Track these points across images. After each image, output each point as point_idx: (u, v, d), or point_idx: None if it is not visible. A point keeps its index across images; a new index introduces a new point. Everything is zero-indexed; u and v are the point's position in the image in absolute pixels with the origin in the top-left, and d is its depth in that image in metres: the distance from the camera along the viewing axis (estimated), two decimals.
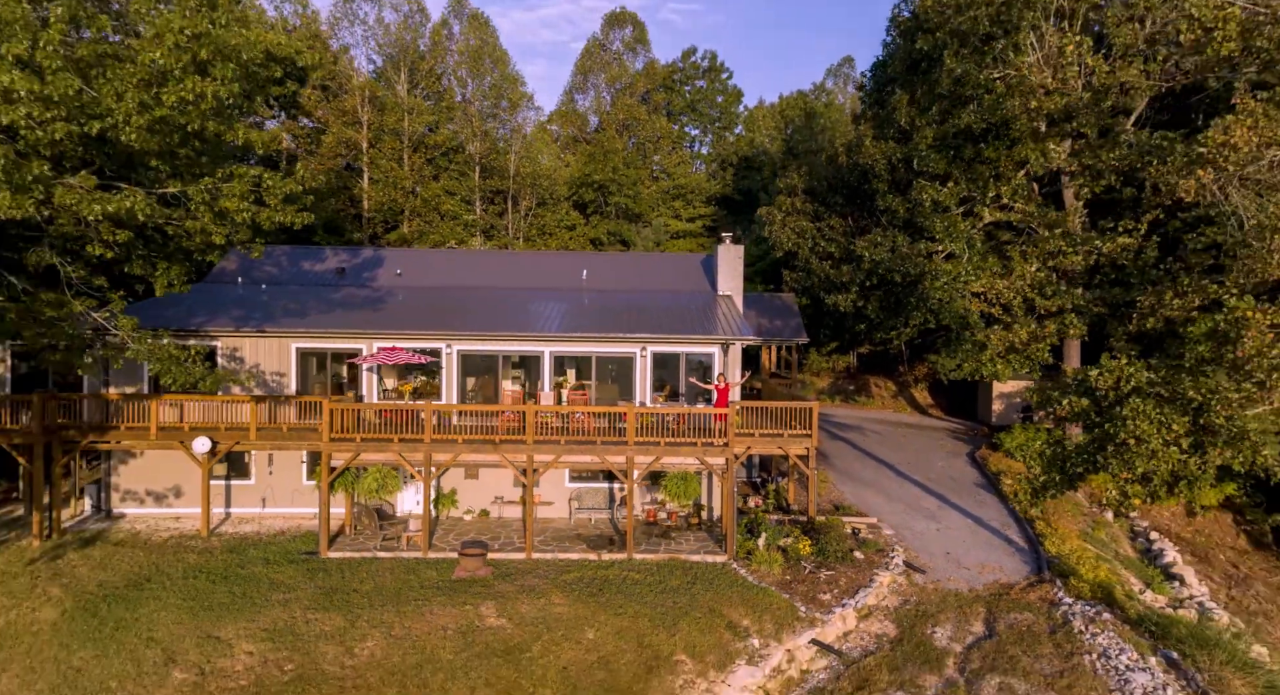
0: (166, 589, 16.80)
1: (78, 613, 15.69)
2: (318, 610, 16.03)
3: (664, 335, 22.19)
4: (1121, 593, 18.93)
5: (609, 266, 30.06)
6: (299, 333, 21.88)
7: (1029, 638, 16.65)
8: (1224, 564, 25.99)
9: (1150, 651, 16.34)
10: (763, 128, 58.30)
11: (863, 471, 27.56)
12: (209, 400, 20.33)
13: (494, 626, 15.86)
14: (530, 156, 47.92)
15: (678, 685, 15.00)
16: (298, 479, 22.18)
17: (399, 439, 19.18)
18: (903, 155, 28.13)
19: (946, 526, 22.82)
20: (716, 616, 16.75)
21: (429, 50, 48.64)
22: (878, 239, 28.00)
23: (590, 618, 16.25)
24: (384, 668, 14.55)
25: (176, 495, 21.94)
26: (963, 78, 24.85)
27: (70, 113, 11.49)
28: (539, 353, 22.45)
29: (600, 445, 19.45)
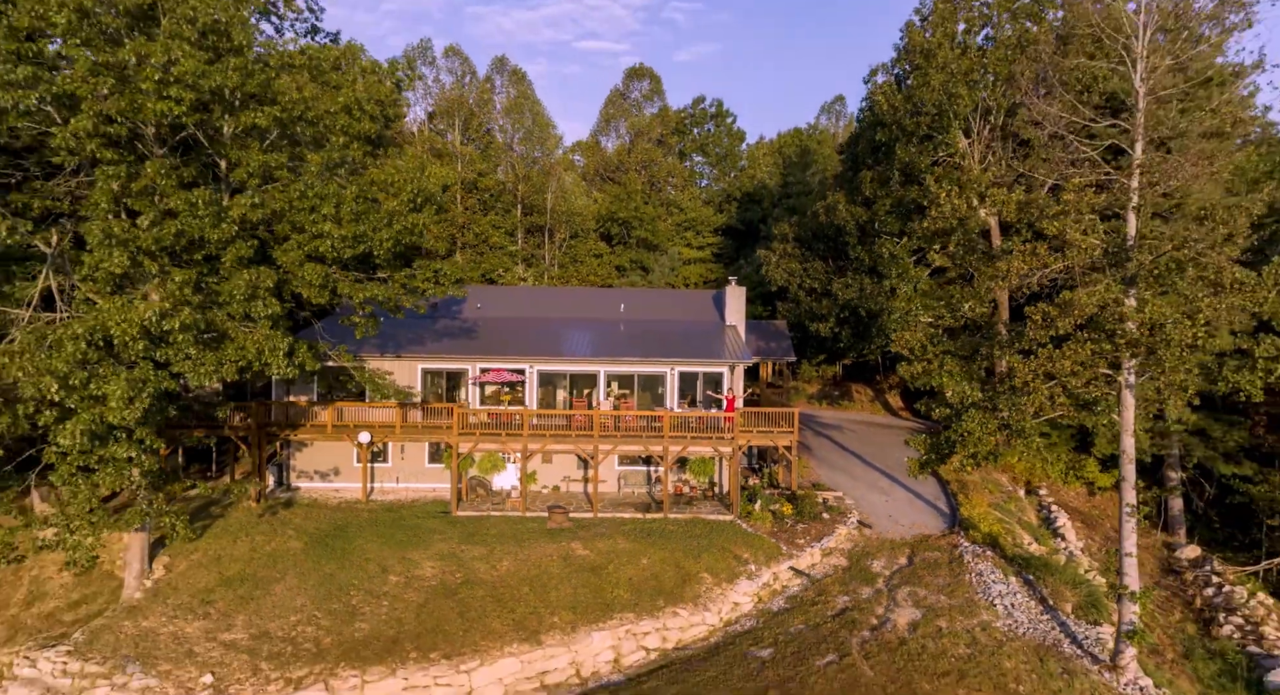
0: (361, 531, 25.26)
1: (313, 544, 24.14)
2: (466, 544, 24.47)
3: (686, 359, 30.58)
4: (1006, 540, 27.27)
5: (641, 300, 38.45)
6: (423, 356, 30.31)
7: (934, 565, 25.03)
8: (1106, 529, 34.29)
9: (1013, 574, 24.74)
10: (763, 164, 66.67)
11: (837, 460, 35.94)
12: (362, 405, 28.75)
13: (581, 555, 24.27)
14: (564, 196, 56.31)
15: (702, 590, 23.40)
16: (422, 462, 30.61)
17: (505, 433, 27.62)
18: (867, 217, 36.46)
19: (893, 499, 31.21)
20: (726, 552, 25.14)
21: (477, 105, 57.07)
22: (849, 281, 36.42)
23: (643, 551, 24.66)
24: (516, 576, 22.97)
25: (335, 474, 30.37)
26: (910, 164, 33.19)
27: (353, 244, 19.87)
28: (596, 371, 30.86)
29: (644, 438, 27.86)
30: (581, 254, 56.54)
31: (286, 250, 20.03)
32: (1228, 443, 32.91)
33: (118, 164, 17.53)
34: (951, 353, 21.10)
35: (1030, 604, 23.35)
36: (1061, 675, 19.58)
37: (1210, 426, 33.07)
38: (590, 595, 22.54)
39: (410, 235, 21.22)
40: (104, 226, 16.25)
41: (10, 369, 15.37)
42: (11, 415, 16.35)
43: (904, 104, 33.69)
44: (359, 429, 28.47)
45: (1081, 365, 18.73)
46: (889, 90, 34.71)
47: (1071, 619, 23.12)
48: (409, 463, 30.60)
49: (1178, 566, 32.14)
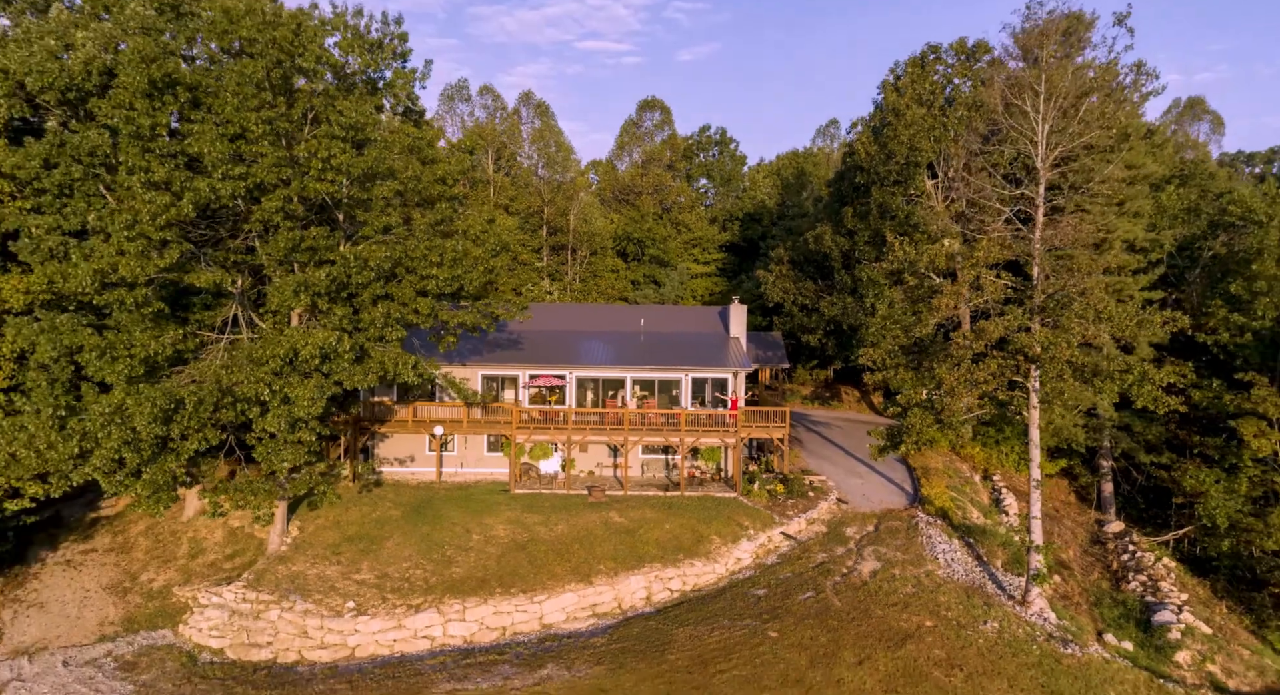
0: (442, 504, 32.02)
1: (409, 512, 30.93)
2: (527, 513, 31.23)
3: (698, 366, 37.30)
4: (955, 513, 33.94)
5: (658, 315, 45.15)
6: (482, 365, 37.05)
7: (894, 531, 31.74)
8: (1049, 508, 40.88)
9: (956, 538, 31.46)
10: (762, 186, 73.39)
11: (823, 451, 42.65)
12: (433, 405, 35.48)
13: (618, 521, 31.01)
14: (585, 218, 63.06)
15: (712, 548, 30.13)
16: (481, 451, 37.33)
17: (553, 427, 34.37)
18: (849, 246, 43.11)
19: (868, 482, 37.92)
20: (731, 520, 31.86)
21: (507, 136, 63.86)
22: (834, 300, 43.12)
23: (666, 519, 31.39)
24: (569, 536, 29.71)
25: (411, 461, 37.11)
26: (884, 203, 39.90)
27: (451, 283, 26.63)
28: (623, 377, 37.58)
29: (664, 431, 34.59)
30: (600, 270, 63.28)
31: (402, 287, 26.80)
32: (1148, 435, 39.57)
33: (291, 230, 24.32)
34: (903, 365, 27.79)
35: (967, 559, 30.10)
36: (982, 607, 26.32)
37: (1134, 422, 39.71)
38: (626, 550, 29.31)
39: (491, 275, 27.99)
40: (298, 279, 23.01)
41: (235, 377, 22.15)
42: (233, 410, 23.10)
43: (879, 153, 40.31)
44: (433, 424, 35.24)
45: (993, 375, 25.45)
46: (867, 140, 41.39)
47: (999, 571, 29.84)
48: (470, 452, 37.35)
49: (1104, 538, 38.76)
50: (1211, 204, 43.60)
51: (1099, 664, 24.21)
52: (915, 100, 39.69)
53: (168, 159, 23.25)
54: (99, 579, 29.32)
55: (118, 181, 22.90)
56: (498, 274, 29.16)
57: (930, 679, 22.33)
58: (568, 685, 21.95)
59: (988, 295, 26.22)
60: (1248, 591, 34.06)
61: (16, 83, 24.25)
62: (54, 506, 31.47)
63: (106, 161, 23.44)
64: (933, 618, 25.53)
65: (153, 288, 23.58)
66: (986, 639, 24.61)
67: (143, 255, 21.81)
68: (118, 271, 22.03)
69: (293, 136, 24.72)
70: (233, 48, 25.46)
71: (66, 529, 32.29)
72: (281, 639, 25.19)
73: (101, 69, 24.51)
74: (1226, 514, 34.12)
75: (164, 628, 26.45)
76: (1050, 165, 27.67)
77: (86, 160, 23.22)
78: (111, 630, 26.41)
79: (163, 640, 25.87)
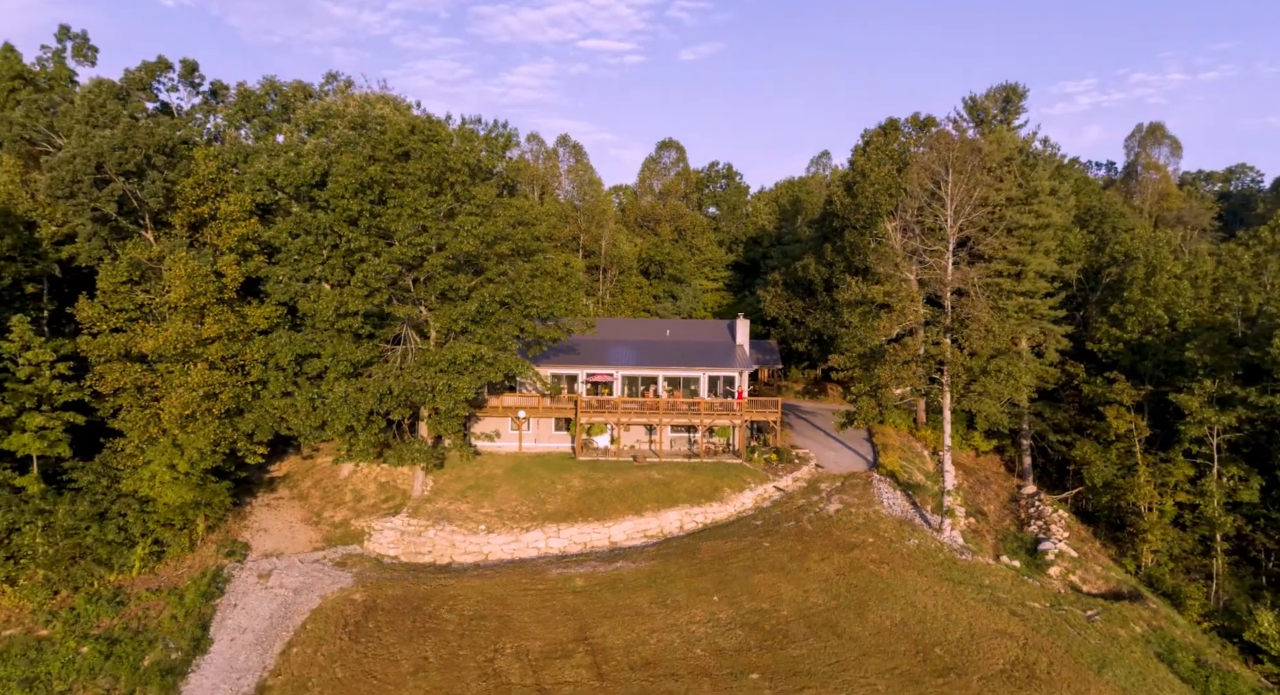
0: (529, 466, 44.49)
1: (508, 471, 43.43)
2: (591, 473, 43.72)
3: (711, 367, 49.70)
4: (902, 476, 46.25)
5: (680, 327, 57.54)
6: (551, 365, 49.47)
7: (854, 486, 44.16)
8: (980, 476, 53.17)
9: (899, 490, 43.89)
10: (763, 212, 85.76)
11: (808, 432, 55.02)
12: (513, 395, 47.88)
13: (657, 477, 43.50)
14: (614, 243, 75.54)
15: (725, 496, 42.56)
16: (549, 430, 49.76)
17: (606, 411, 46.84)
18: (828, 274, 55.44)
19: (840, 454, 50.31)
20: (738, 478, 44.30)
21: (549, 175, 76.37)
22: (817, 316, 55.48)
23: (691, 476, 43.86)
24: (623, 486, 42.21)
25: (496, 437, 49.49)
26: (854, 243, 52.33)
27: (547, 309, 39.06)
28: (656, 375, 50.00)
29: (687, 415, 47.01)
30: (627, 286, 75.71)
31: (514, 313, 39.28)
32: (1055, 420, 51.85)
33: (444, 277, 36.84)
34: (859, 367, 40.24)
35: (905, 503, 42.54)
36: (909, 531, 38.76)
37: (1044, 409, 52.02)
38: (664, 496, 41.79)
39: (570, 303, 40.44)
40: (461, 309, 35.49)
41: (417, 374, 34.64)
42: (418, 395, 35.59)
43: (850, 203, 52.48)
44: (517, 409, 47.73)
45: (915, 375, 37.86)
46: (841, 193, 53.60)
47: (927, 512, 42.24)
48: (542, 430, 49.82)
49: (1020, 497, 51.05)
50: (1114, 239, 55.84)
51: (982, 565, 36.68)
52: (878, 163, 51.88)
53: (369, 233, 35.81)
54: (294, 516, 41.91)
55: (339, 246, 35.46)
56: (574, 301, 41.62)
57: (867, 569, 34.77)
58: (633, 570, 34.46)
59: (911, 321, 38.63)
60: (1115, 532, 46.38)
61: (268, 181, 36.84)
62: (248, 469, 44.05)
63: (330, 233, 36.02)
64: (873, 537, 37.97)
65: (359, 317, 36.16)
66: (909, 549, 37.07)
67: (366, 297, 34.35)
68: (347, 305, 34.59)
69: (450, 213, 37.27)
70: (403, 153, 38.00)
71: (255, 484, 44.86)
72: (437, 549, 37.74)
73: (321, 171, 37.08)
74: (1103, 477, 46.42)
75: (353, 544, 39.00)
76: (958, 227, 40.07)
77: (315, 233, 35.82)
78: (318, 545, 38.97)
79: (354, 551, 38.41)
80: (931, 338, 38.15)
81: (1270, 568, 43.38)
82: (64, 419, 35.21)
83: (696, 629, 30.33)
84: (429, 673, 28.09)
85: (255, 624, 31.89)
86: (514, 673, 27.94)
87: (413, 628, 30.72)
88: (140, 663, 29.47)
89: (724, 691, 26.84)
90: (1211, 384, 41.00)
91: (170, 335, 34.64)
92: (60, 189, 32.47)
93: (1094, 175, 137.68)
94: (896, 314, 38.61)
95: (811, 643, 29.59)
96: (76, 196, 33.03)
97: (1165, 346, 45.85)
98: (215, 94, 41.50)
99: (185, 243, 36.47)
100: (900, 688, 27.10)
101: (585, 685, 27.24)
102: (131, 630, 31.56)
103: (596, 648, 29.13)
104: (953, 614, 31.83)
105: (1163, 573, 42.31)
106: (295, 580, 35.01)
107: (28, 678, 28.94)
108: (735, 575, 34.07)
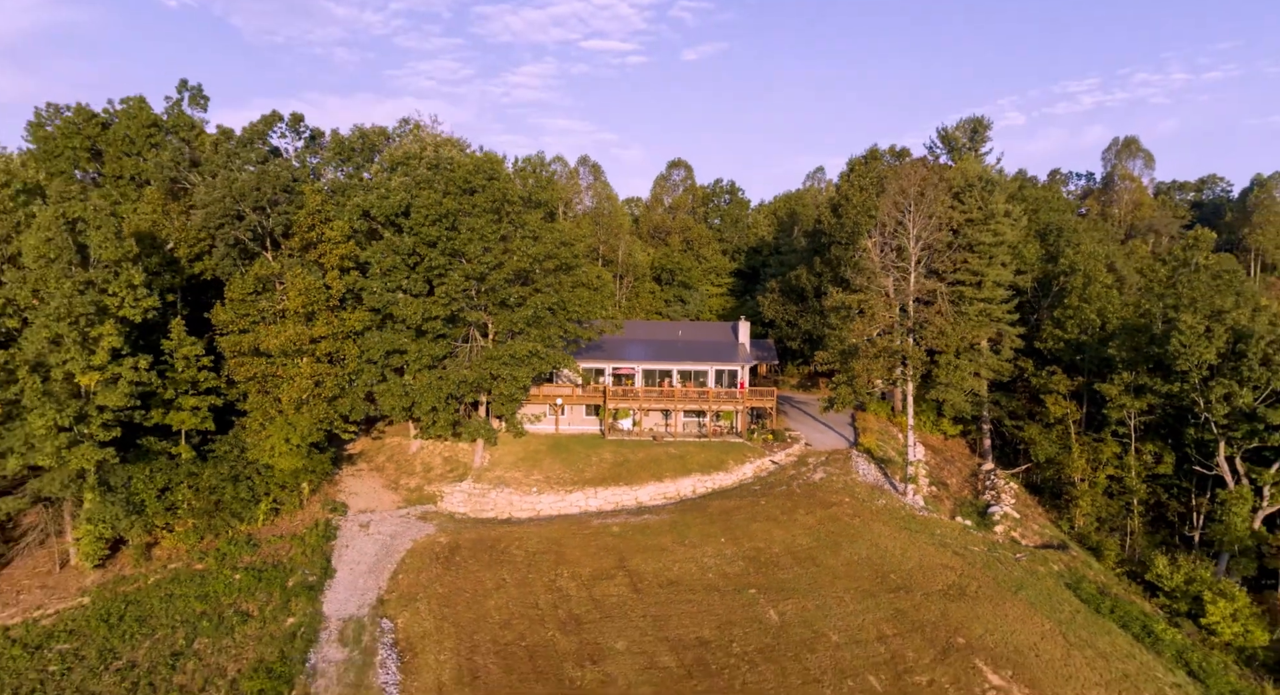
0: (567, 443, 53.66)
1: (550, 447, 52.61)
2: (619, 449, 52.91)
3: (718, 362, 58.83)
4: (877, 452, 55.34)
5: (691, 328, 66.69)
6: (583, 360, 58.61)
7: (837, 460, 53.32)
8: (946, 455, 62.23)
9: (874, 463, 53.07)
10: (763, 224, 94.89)
11: (800, 418, 64.15)
12: (551, 385, 57.05)
13: (673, 453, 52.71)
14: (630, 252, 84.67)
15: (729, 467, 51.74)
16: (581, 415, 58.95)
17: (629, 398, 56.03)
18: (818, 283, 64.50)
19: (826, 435, 59.45)
20: (740, 453, 53.48)
21: (572, 193, 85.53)
22: (808, 319, 64.56)
23: (701, 451, 53.06)
24: (647, 459, 51.40)
25: (538, 420, 58.64)
26: (839, 257, 61.49)
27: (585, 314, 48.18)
28: (670, 368, 59.17)
29: (698, 402, 56.17)
30: (641, 291, 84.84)
31: (558, 316, 48.40)
32: (1010, 407, 60.90)
33: (505, 288, 46.01)
34: (839, 362, 49.32)
35: (877, 474, 51.68)
36: (878, 494, 47.92)
37: (1001, 399, 61.06)
38: (679, 467, 50.96)
39: (604, 309, 49.58)
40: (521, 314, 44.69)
41: (486, 366, 43.86)
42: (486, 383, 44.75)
43: (836, 223, 61.45)
44: (555, 396, 56.92)
45: (886, 368, 46.95)
46: (828, 214, 62.57)
47: (896, 481, 51.35)
48: (575, 415, 58.99)
49: (979, 473, 60.10)
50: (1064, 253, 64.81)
51: (937, 520, 45.86)
52: (860, 188, 60.86)
53: (444, 253, 45.03)
54: (375, 483, 51.13)
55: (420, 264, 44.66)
56: (605, 307, 50.76)
57: (842, 520, 43.91)
58: (657, 520, 43.65)
59: (881, 324, 47.75)
60: (1056, 500, 55.43)
61: (363, 212, 46.05)
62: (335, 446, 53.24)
63: (413, 253, 45.23)
64: (849, 498, 47.11)
65: (439, 320, 45.36)
66: (877, 507, 46.21)
67: (445, 305, 43.55)
68: (430, 311, 43.79)
69: (506, 237, 46.47)
70: (470, 188, 47.16)
71: (339, 459, 54.05)
72: (498, 507, 46.95)
73: (405, 203, 46.25)
74: (1046, 454, 55.49)
75: (428, 504, 48.20)
76: (918, 250, 49.10)
77: (401, 253, 45.04)
78: (399, 505, 48.17)
79: (431, 509, 47.62)
80: (898, 337, 47.28)
81: (1180, 528, 52.44)
82: (208, 401, 44.42)
83: (708, 560, 39.51)
84: (507, 589, 37.31)
85: (365, 559, 41.14)
86: (571, 589, 37.14)
87: (489, 559, 39.95)
88: (286, 584, 38.70)
89: (729, 601, 36.02)
90: (1129, 375, 50.03)
91: (290, 335, 43.89)
92: (212, 221, 41.67)
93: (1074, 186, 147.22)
94: (868, 318, 47.72)
95: (796, 570, 38.75)
96: (223, 227, 42.22)
97: (1098, 344, 54.85)
98: (314, 138, 50.72)
99: (298, 261, 45.68)
100: (861, 599, 36.27)
101: (626, 597, 36.43)
102: (270, 564, 40.82)
103: (633, 572, 38.32)
104: (907, 552, 40.98)
105: (1090, 530, 51.34)
106: (390, 529, 44.25)
107: (201, 594, 38.20)
108: (738, 524, 43.20)
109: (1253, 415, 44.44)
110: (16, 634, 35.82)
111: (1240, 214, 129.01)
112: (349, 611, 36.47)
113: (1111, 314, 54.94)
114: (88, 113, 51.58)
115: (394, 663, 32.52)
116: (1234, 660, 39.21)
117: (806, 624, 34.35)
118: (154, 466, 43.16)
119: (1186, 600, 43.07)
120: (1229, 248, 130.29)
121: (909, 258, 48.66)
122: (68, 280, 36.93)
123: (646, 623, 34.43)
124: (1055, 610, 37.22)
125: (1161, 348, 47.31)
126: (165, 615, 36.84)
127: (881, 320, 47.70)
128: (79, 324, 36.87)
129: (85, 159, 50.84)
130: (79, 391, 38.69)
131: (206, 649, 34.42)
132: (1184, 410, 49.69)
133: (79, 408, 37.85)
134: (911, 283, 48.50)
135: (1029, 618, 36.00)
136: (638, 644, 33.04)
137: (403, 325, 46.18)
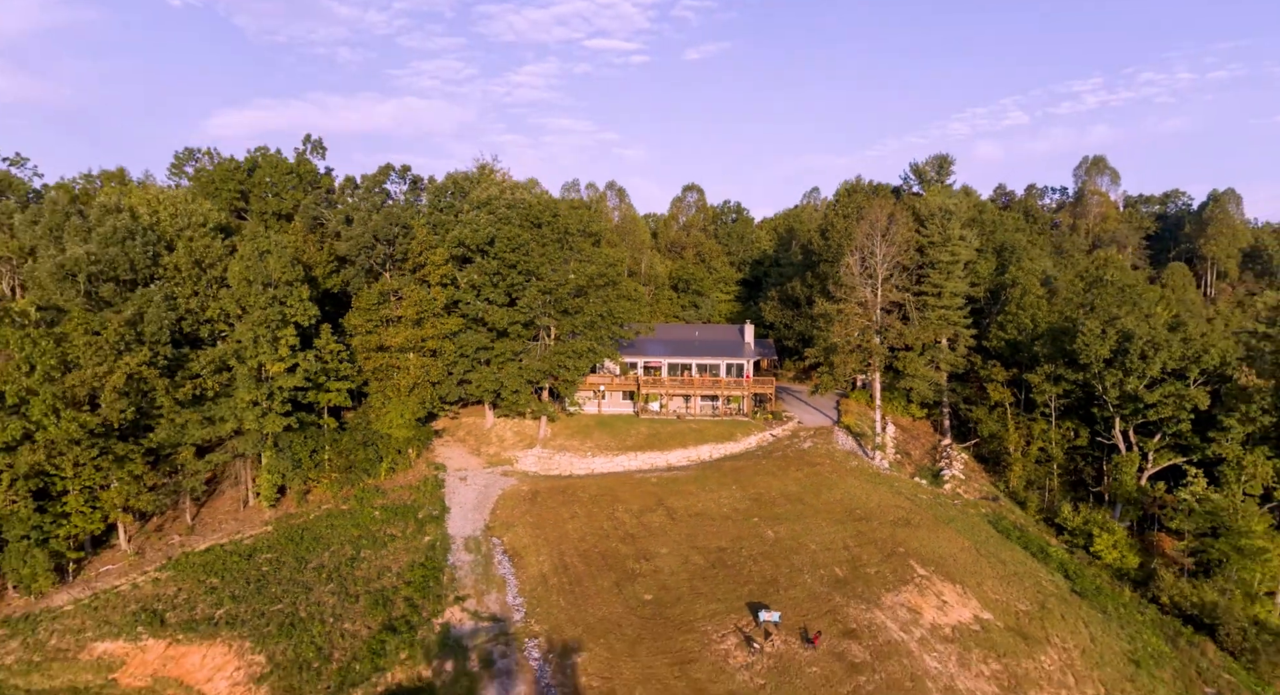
0: (610, 421, 68.10)
1: (596, 423, 67.10)
2: (652, 424, 67.36)
3: (728, 357, 73.24)
4: (855, 428, 69.68)
5: (705, 329, 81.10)
6: (622, 356, 73.07)
7: (822, 434, 67.74)
8: (913, 433, 76.41)
9: (851, 436, 67.49)
10: (764, 239, 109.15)
11: (795, 403, 78.52)
12: (593, 375, 71.44)
13: (694, 427, 67.17)
14: (651, 265, 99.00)
15: (738, 437, 66.19)
16: (619, 399, 73.40)
17: (658, 386, 70.48)
18: (809, 293, 78.82)
19: (815, 416, 73.82)
20: (746, 428, 67.91)
21: (599, 214, 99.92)
22: (802, 322, 78.93)
23: (715, 426, 67.51)
24: (673, 431, 65.85)
25: (583, 403, 73.13)
26: (826, 272, 75.95)
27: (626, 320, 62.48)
28: (690, 362, 73.58)
29: (713, 388, 70.58)
30: (661, 298, 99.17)
31: (607, 321, 62.83)
32: (964, 393, 75.16)
33: (566, 299, 60.52)
34: (825, 355, 63.70)
35: (853, 444, 66.07)
36: (853, 458, 62.37)
37: (957, 387, 75.30)
38: (699, 438, 65.42)
39: (641, 315, 63.97)
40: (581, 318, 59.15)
41: (554, 359, 58.33)
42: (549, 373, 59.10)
43: (824, 244, 75.55)
44: (598, 384, 71.39)
45: (860, 362, 61.29)
46: (817, 237, 76.68)
47: (868, 449, 65.72)
48: (613, 400, 73.44)
49: (939, 447, 74.33)
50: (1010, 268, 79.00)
51: (897, 477, 60.28)
52: (842, 216, 74.94)
53: (521, 273, 59.53)
54: (461, 451, 65.63)
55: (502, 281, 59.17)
56: (642, 314, 65.18)
57: (824, 476, 58.29)
58: (685, 475, 58.09)
59: (856, 328, 62.09)
60: (996, 467, 69.67)
61: (459, 242, 60.56)
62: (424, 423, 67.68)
63: (497, 273, 59.75)
64: (830, 460, 61.47)
65: (519, 325, 59.88)
66: (851, 467, 60.60)
67: (525, 312, 58.09)
68: (514, 317, 58.31)
69: (567, 260, 60.97)
70: (538, 223, 61.51)
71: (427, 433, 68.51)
72: (562, 467, 61.42)
73: (490, 235, 60.70)
74: (989, 430, 69.75)
75: (506, 465, 62.68)
76: (886, 270, 63.38)
77: (488, 274, 59.58)
78: (484, 466, 62.63)
79: (509, 469, 62.09)
80: (868, 337, 61.61)
81: (1092, 487, 66.67)
82: (345, 385, 58.96)
83: (723, 500, 53.92)
84: (579, 518, 51.73)
85: (469, 501, 55.61)
86: (625, 518, 51.56)
87: (563, 500, 54.39)
88: (416, 516, 53.18)
89: (739, 525, 50.41)
90: (1050, 367, 64.24)
91: (407, 334, 58.40)
92: (354, 250, 56.12)
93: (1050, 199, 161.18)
94: (844, 323, 62.07)
95: (787, 506, 53.14)
96: (361, 255, 56.67)
97: (1029, 343, 69.06)
98: (416, 183, 65.25)
99: (410, 280, 60.18)
100: (833, 524, 50.63)
101: (665, 523, 50.83)
102: (399, 505, 55.29)
103: (669, 508, 52.74)
104: (870, 497, 55.34)
105: (1020, 488, 65.57)
106: (482, 481, 58.75)
107: (354, 524, 52.69)
108: (745, 477, 57.57)
109: (1136, 397, 58.66)
110: (230, 548, 50.35)
111: (1197, 226, 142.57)
112: (467, 532, 50.96)
113: (1041, 319, 69.15)
114: (234, 162, 66.22)
115: (507, 562, 47.00)
116: (1110, 576, 53.55)
117: (794, 538, 48.74)
118: (307, 434, 57.69)
119: (1083, 536, 57.33)
120: (1188, 257, 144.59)
121: (877, 276, 62.98)
122: (262, 296, 51.43)
123: (681, 537, 48.86)
124: (975, 535, 51.55)
125: (1072, 345, 61.57)
126: (332, 537, 51.31)
127: (856, 325, 62.02)
128: (271, 327, 51.34)
129: (235, 198, 65.46)
130: (264, 377, 53.19)
131: (370, 557, 48.89)
132: (1090, 394, 63.90)
133: (268, 389, 52.36)
134: (879, 295, 62.81)
135: (954, 539, 50.31)
136: (676, 550, 47.46)
137: (484, 327, 60.51)
